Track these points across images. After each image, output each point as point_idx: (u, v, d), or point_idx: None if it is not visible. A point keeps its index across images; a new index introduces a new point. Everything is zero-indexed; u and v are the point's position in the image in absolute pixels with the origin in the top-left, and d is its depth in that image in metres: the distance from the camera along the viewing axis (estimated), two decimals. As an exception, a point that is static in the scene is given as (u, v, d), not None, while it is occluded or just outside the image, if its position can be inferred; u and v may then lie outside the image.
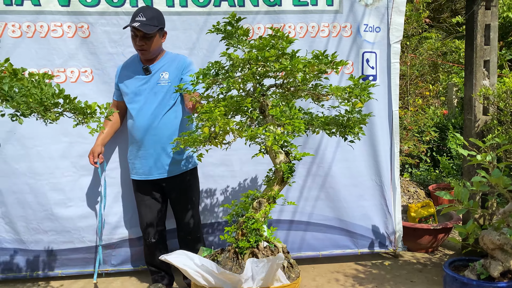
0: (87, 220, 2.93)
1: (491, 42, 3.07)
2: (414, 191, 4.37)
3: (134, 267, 3.05)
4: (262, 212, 2.10)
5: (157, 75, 2.59)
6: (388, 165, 3.16)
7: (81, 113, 1.67)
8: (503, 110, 2.95)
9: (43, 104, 1.53)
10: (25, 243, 2.91)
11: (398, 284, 2.92)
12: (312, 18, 2.93)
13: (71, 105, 1.63)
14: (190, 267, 1.93)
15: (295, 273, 2.11)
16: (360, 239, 3.20)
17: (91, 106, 1.68)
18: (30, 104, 1.51)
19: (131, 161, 2.72)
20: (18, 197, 2.85)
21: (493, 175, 2.32)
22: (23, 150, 2.81)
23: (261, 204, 2.11)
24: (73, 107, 1.64)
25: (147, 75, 2.58)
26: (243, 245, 2.02)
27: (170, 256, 1.99)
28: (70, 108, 1.64)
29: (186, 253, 2.02)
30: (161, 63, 2.61)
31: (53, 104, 1.57)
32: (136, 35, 2.48)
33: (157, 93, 2.57)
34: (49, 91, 1.54)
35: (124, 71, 2.66)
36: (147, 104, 2.57)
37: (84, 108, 1.66)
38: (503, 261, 2.37)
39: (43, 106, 1.54)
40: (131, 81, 2.61)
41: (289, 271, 2.10)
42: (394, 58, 3.05)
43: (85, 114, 1.68)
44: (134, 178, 2.72)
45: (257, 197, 2.15)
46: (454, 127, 5.45)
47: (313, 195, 3.12)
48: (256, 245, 2.06)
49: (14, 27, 2.70)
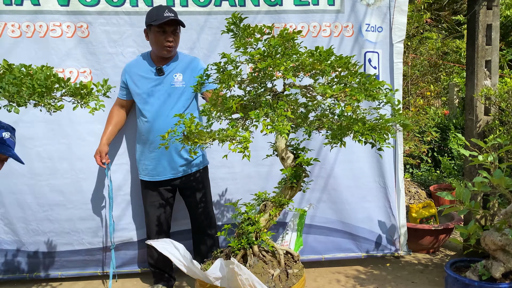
0: (86, 222, 2.91)
1: (492, 42, 3.06)
2: (415, 192, 4.36)
3: (133, 269, 3.03)
4: (262, 214, 2.08)
5: (170, 76, 2.57)
6: (391, 166, 3.12)
7: (78, 94, 1.64)
8: (504, 110, 2.94)
9: (36, 91, 1.51)
10: (24, 244, 2.90)
11: (399, 285, 2.90)
12: (313, 17, 2.91)
13: (67, 88, 1.61)
14: (174, 255, 2.03)
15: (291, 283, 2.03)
16: (363, 242, 3.16)
17: (86, 86, 1.66)
18: (22, 93, 1.48)
19: (141, 162, 2.69)
20: (17, 198, 2.83)
21: (495, 176, 2.31)
22: (22, 151, 2.80)
23: (266, 207, 2.09)
24: (69, 90, 1.62)
25: (160, 76, 2.56)
26: (233, 245, 2.05)
27: (157, 242, 2.08)
28: (67, 92, 1.62)
29: (172, 242, 2.11)
30: (174, 64, 2.59)
31: (47, 89, 1.54)
32: (165, 31, 2.46)
33: (171, 95, 2.55)
34: (41, 76, 1.52)
35: (134, 71, 2.62)
36: (163, 106, 2.55)
37: (80, 89, 1.64)
38: (505, 262, 2.36)
39: (36, 93, 1.52)
40: (143, 81, 2.58)
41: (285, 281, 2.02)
42: (397, 58, 3.03)
43: (82, 95, 1.65)
44: (145, 179, 2.70)
45: (266, 199, 2.13)
46: (455, 127, 5.44)
47: (315, 197, 3.08)
48: (249, 247, 2.04)
49: (14, 26, 2.69)
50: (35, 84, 1.52)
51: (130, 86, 2.63)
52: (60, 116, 2.77)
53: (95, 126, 2.80)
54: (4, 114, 2.66)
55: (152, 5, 2.76)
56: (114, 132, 2.73)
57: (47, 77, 1.55)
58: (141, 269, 3.03)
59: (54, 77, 1.58)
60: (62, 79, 1.60)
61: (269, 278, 1.98)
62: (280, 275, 2.03)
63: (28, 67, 1.57)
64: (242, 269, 1.83)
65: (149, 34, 2.55)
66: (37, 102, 1.55)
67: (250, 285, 1.84)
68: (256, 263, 2.04)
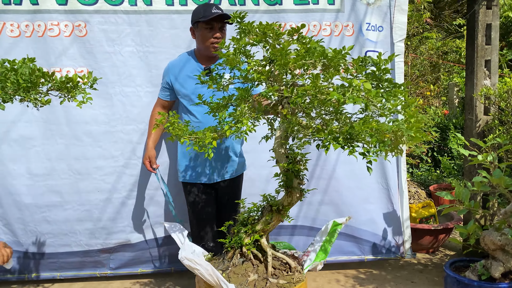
0: (84, 223, 2.89)
1: (492, 41, 3.06)
2: (415, 192, 4.35)
3: (133, 270, 3.01)
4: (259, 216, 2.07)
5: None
6: (394, 167, 3.07)
7: (64, 88, 1.61)
8: (504, 110, 2.94)
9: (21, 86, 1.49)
10: (22, 245, 2.88)
11: (399, 285, 2.90)
12: (313, 17, 2.90)
13: (52, 83, 1.57)
14: (179, 239, 2.27)
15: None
16: (366, 244, 3.10)
17: (72, 79, 1.62)
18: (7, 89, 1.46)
19: (186, 165, 2.59)
20: (15, 199, 2.82)
21: (494, 175, 2.31)
22: (20, 151, 2.79)
23: (264, 210, 2.09)
24: (55, 84, 1.59)
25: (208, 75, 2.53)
26: (223, 241, 2.14)
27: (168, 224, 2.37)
28: (53, 86, 1.59)
29: (180, 228, 2.35)
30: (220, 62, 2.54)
31: (32, 84, 1.52)
32: (212, 28, 2.42)
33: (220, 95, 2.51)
34: (25, 71, 1.50)
35: (178, 71, 2.56)
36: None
37: (65, 82, 1.60)
38: (504, 261, 2.35)
39: (21, 88, 1.49)
40: (190, 81, 2.51)
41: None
42: (397, 57, 3.02)
43: (69, 88, 1.62)
44: (189, 182, 2.60)
45: (267, 202, 2.11)
46: (455, 127, 5.43)
47: (317, 199, 3.02)
48: (239, 246, 2.05)
49: (13, 26, 2.68)
50: (20, 79, 1.49)
51: (176, 87, 2.57)
52: (58, 115, 2.78)
53: (91, 127, 2.79)
54: (2, 114, 2.67)
55: (151, 4, 2.75)
56: (158, 135, 2.69)
57: (31, 72, 1.52)
58: (140, 271, 3.01)
59: (39, 72, 1.55)
60: (47, 73, 1.57)
61: (244, 281, 1.94)
62: (257, 282, 1.95)
63: (12, 61, 1.54)
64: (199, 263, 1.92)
65: (195, 32, 2.51)
66: (23, 98, 1.52)
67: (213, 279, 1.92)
68: (239, 263, 2.02)
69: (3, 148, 2.77)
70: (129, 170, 2.87)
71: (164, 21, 2.78)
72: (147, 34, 2.78)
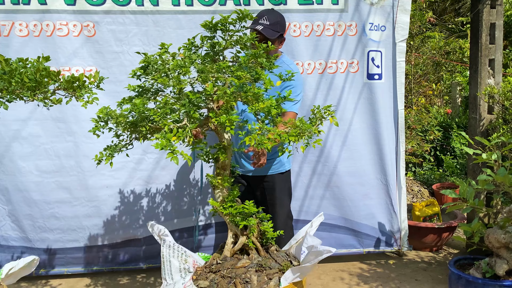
0: (92, 219, 2.94)
1: (496, 41, 3.07)
2: (418, 190, 4.38)
3: (138, 265, 3.05)
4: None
5: None
6: (393, 164, 3.15)
7: (70, 87, 1.59)
8: (508, 109, 2.95)
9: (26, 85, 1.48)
10: (31, 241, 2.93)
11: (403, 283, 2.92)
12: (317, 17, 2.93)
13: (59, 82, 1.56)
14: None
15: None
16: (366, 238, 3.20)
17: (78, 78, 1.60)
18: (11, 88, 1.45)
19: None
20: (24, 195, 2.86)
21: (499, 174, 2.33)
22: (30, 148, 2.83)
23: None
24: (61, 84, 1.57)
25: None
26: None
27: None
28: (60, 85, 1.57)
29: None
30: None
31: (38, 83, 1.50)
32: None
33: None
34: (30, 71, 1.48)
35: None
36: None
37: (71, 82, 1.58)
38: (508, 259, 2.37)
39: (26, 87, 1.48)
40: None
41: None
42: (399, 56, 3.05)
43: (75, 88, 1.60)
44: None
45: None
46: (458, 126, 5.44)
47: (319, 194, 3.12)
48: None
49: (22, 26, 2.72)
50: (25, 78, 1.48)
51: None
52: (67, 114, 2.82)
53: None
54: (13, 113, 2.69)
55: (157, 4, 2.78)
56: None
57: (36, 71, 1.50)
58: (146, 266, 3.05)
59: (45, 71, 1.53)
60: (53, 72, 1.56)
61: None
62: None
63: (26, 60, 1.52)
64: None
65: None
66: (28, 97, 1.51)
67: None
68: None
69: (13, 146, 2.82)
70: (138, 166, 2.92)
71: (171, 21, 2.81)
72: (154, 34, 2.81)
